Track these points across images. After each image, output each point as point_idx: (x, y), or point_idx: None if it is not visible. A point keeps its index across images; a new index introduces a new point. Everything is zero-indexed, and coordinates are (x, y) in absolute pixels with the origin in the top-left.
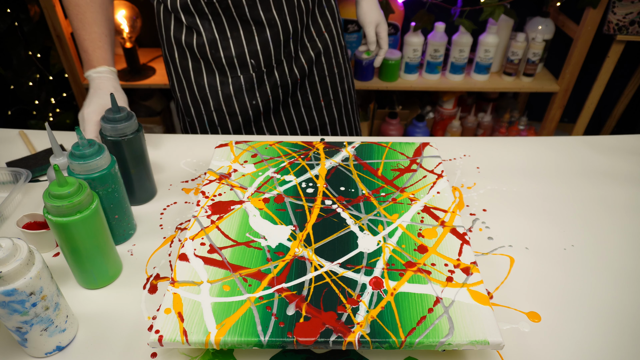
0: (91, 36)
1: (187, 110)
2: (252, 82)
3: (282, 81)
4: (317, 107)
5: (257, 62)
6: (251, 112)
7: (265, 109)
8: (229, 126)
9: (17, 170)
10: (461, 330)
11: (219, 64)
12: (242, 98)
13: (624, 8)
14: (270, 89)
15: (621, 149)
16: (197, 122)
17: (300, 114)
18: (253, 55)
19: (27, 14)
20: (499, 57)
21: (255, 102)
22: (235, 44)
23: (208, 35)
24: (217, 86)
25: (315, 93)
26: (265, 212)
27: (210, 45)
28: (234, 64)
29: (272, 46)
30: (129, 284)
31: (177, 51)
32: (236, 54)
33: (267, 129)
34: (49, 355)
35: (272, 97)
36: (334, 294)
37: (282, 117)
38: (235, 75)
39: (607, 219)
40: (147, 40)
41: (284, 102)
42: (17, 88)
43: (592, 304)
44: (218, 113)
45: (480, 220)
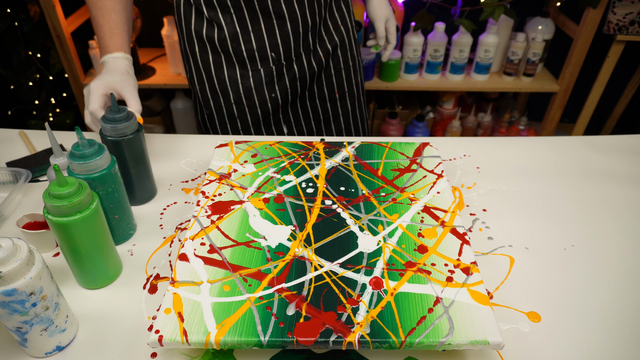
0: (109, 24)
1: (206, 103)
2: (272, 75)
3: (300, 74)
4: (331, 100)
5: (277, 55)
6: (270, 105)
7: (283, 102)
8: (248, 119)
9: (17, 170)
10: (461, 330)
11: (240, 57)
12: (262, 91)
13: (624, 8)
14: (290, 81)
15: (621, 149)
16: (216, 114)
17: (315, 106)
18: (274, 49)
19: (27, 14)
20: (499, 57)
21: (274, 95)
22: (256, 37)
23: (230, 29)
24: (238, 79)
25: (330, 85)
26: (265, 212)
27: (232, 39)
28: (255, 57)
29: (292, 39)
30: (129, 284)
31: (198, 45)
32: (257, 47)
33: (285, 121)
34: (49, 355)
35: (290, 90)
36: (334, 294)
37: (299, 110)
38: (256, 69)
39: (607, 219)
40: (147, 40)
41: (301, 95)
42: (17, 88)
43: (592, 304)
44: (238, 106)
45: (480, 220)
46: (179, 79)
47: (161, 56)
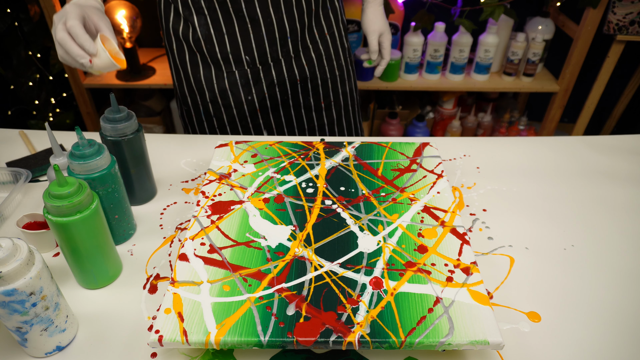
0: None
1: (184, 99)
2: (247, 78)
3: (279, 79)
4: (317, 109)
5: (251, 59)
6: (246, 107)
7: (261, 106)
8: (224, 117)
9: (17, 170)
10: (461, 330)
11: (214, 59)
12: (237, 92)
13: (624, 8)
14: (267, 86)
15: (621, 149)
16: (193, 111)
17: (299, 115)
18: (248, 52)
19: (27, 14)
20: (499, 57)
21: (250, 98)
22: (230, 40)
23: (203, 30)
24: (213, 79)
25: (316, 95)
26: (265, 212)
27: (206, 40)
28: (229, 59)
29: (267, 44)
30: (129, 284)
31: (175, 42)
32: (231, 50)
33: (265, 127)
34: (49, 355)
35: (268, 95)
36: (334, 294)
37: (282, 117)
38: (230, 70)
39: (607, 219)
40: (147, 40)
41: (283, 102)
42: (17, 88)
43: (592, 304)
44: (213, 104)
45: (480, 220)
46: None
47: (161, 56)
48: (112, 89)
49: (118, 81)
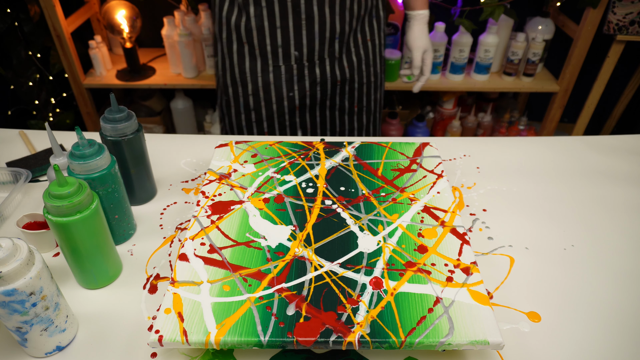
0: None
1: (225, 89)
2: (291, 73)
3: (322, 79)
4: (350, 112)
5: (300, 54)
6: (286, 103)
7: (301, 104)
8: (262, 112)
9: (17, 170)
10: (461, 330)
11: (263, 51)
12: (280, 87)
13: (624, 8)
14: (309, 84)
15: (621, 149)
16: (232, 102)
17: (334, 117)
18: (298, 47)
19: (27, 14)
20: (499, 57)
21: (292, 94)
22: (282, 34)
23: (257, 21)
24: (258, 72)
25: (351, 99)
26: (265, 212)
27: (258, 31)
28: (278, 52)
29: (317, 41)
30: (129, 284)
31: (226, 31)
32: (281, 44)
33: (301, 126)
34: (49, 355)
35: (309, 94)
36: (334, 294)
37: (317, 117)
38: (277, 65)
39: (607, 219)
40: (147, 40)
41: (322, 102)
42: (17, 88)
43: (592, 304)
44: (254, 97)
45: (480, 220)
46: (179, 79)
47: (161, 56)
48: (112, 89)
49: (118, 81)
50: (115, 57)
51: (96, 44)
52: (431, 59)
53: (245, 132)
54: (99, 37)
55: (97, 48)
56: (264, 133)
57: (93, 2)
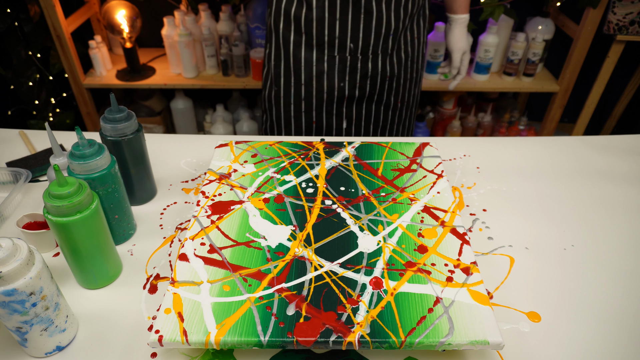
0: None
1: (277, 79)
2: (345, 64)
3: (372, 73)
4: (394, 108)
5: (355, 47)
6: (336, 93)
7: (350, 95)
8: (313, 102)
9: (17, 170)
10: (461, 330)
11: (320, 40)
12: (332, 76)
13: (624, 8)
14: (360, 77)
15: (621, 149)
16: (283, 92)
17: (378, 111)
18: (354, 40)
19: (27, 14)
20: (499, 57)
21: (342, 85)
22: (340, 26)
23: (318, 12)
24: (313, 62)
25: (397, 95)
26: (265, 212)
27: (318, 22)
28: (335, 43)
29: (373, 36)
30: (129, 284)
31: (283, 22)
32: (339, 35)
33: (347, 116)
34: (49, 355)
35: (359, 85)
36: (334, 294)
37: (363, 110)
38: (332, 55)
39: (607, 219)
40: (147, 40)
41: (369, 96)
42: (17, 88)
43: (592, 304)
44: (306, 88)
45: (480, 220)
46: (179, 79)
47: (161, 56)
48: (112, 89)
49: (118, 81)
50: (115, 57)
51: (96, 44)
52: (468, 60)
53: (293, 123)
54: (99, 37)
55: (97, 48)
56: (312, 123)
57: (93, 2)
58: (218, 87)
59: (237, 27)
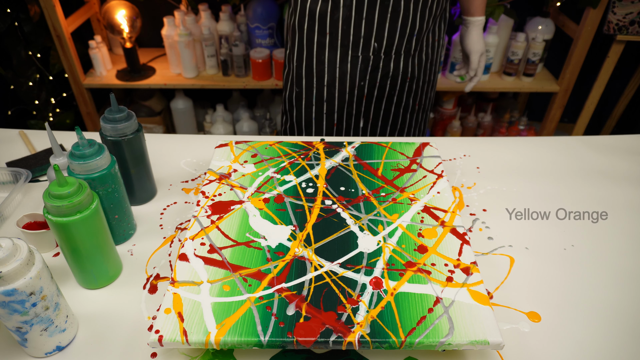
0: None
1: (298, 80)
2: (367, 64)
3: (394, 73)
4: (412, 111)
5: (379, 46)
6: (357, 91)
7: (369, 94)
8: (335, 102)
9: (17, 170)
10: (461, 330)
11: (345, 41)
12: (354, 76)
13: (624, 8)
14: (381, 76)
15: (621, 149)
16: (305, 93)
17: (397, 113)
18: (378, 39)
19: (27, 14)
20: (499, 57)
21: (363, 84)
22: (366, 25)
23: (345, 11)
24: (336, 63)
25: (415, 97)
26: (265, 212)
27: (344, 21)
28: (359, 43)
29: (398, 35)
30: (129, 284)
31: (308, 22)
32: (364, 34)
33: (364, 116)
34: (49, 355)
35: (378, 86)
36: (334, 294)
37: (381, 110)
38: (355, 55)
39: (607, 219)
40: (147, 40)
41: (389, 97)
42: (17, 88)
43: (592, 304)
44: (329, 89)
45: (480, 220)
46: (179, 79)
47: (161, 56)
48: (112, 89)
49: (118, 81)
50: (115, 57)
51: (96, 44)
52: (484, 61)
53: (314, 124)
54: (99, 37)
55: (97, 48)
56: (333, 125)
57: (93, 2)
58: (218, 87)
59: (237, 27)
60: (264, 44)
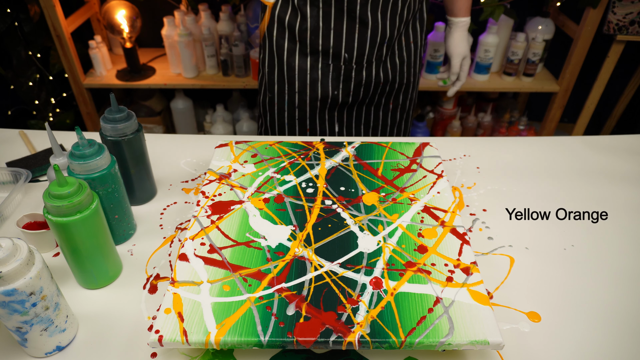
0: None
1: (270, 86)
2: (339, 73)
3: (367, 80)
4: (385, 109)
5: (350, 57)
6: (330, 100)
7: (343, 102)
8: (306, 109)
9: (17, 170)
10: (461, 330)
11: (314, 49)
12: (326, 84)
13: (624, 8)
14: (354, 85)
15: (621, 149)
16: (277, 99)
17: (369, 112)
18: (348, 50)
19: (27, 14)
20: (499, 57)
21: (336, 93)
22: (335, 36)
23: (313, 22)
24: (307, 70)
25: (388, 97)
26: (265, 212)
27: (312, 32)
28: (329, 52)
29: (368, 46)
30: (129, 284)
31: (277, 29)
32: (333, 44)
33: (338, 120)
34: (49, 355)
35: (352, 94)
36: (334, 294)
37: (354, 112)
38: (326, 63)
39: (607, 219)
40: (147, 40)
41: (361, 102)
42: (17, 88)
43: (592, 304)
44: (300, 96)
45: (480, 220)
46: (179, 79)
47: (161, 56)
48: (112, 89)
49: (118, 81)
50: (115, 57)
51: (96, 44)
52: (468, 65)
53: (287, 129)
54: (99, 37)
55: (97, 48)
56: (305, 130)
57: (93, 2)
58: (218, 87)
59: (237, 27)
60: None
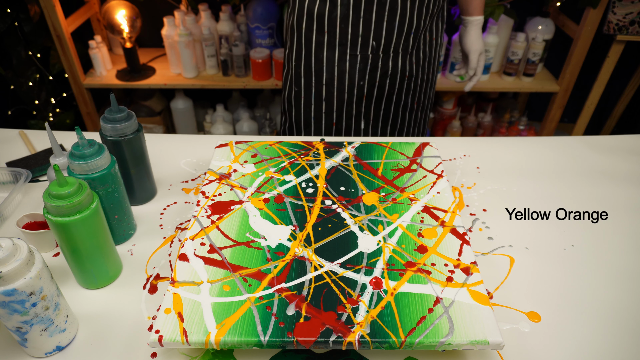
0: None
1: (297, 80)
2: (366, 63)
3: (392, 71)
4: (410, 109)
5: (377, 45)
6: (356, 91)
7: (368, 94)
8: (334, 102)
9: (17, 170)
10: (461, 330)
11: (344, 39)
12: (353, 75)
13: (624, 8)
14: (380, 75)
15: (621, 149)
16: (304, 93)
17: (397, 113)
18: (376, 38)
19: (27, 14)
20: (499, 57)
21: (362, 83)
22: (364, 24)
23: (343, 10)
24: (335, 61)
25: (414, 96)
26: (265, 212)
27: (342, 20)
28: (357, 42)
29: (395, 34)
30: (129, 284)
31: (306, 21)
32: (362, 33)
33: (364, 117)
34: (49, 355)
35: (378, 84)
36: (334, 294)
37: (381, 110)
38: (354, 54)
39: (607, 219)
40: (147, 40)
41: (388, 96)
42: (17, 88)
43: (592, 304)
44: (328, 88)
45: (480, 220)
46: (179, 79)
47: (161, 56)
48: (112, 89)
49: (118, 81)
50: (115, 57)
51: (96, 44)
52: (484, 61)
53: (313, 124)
54: (99, 37)
55: (97, 48)
56: (332, 124)
57: (93, 2)
58: (218, 87)
59: (237, 27)
60: (264, 44)
